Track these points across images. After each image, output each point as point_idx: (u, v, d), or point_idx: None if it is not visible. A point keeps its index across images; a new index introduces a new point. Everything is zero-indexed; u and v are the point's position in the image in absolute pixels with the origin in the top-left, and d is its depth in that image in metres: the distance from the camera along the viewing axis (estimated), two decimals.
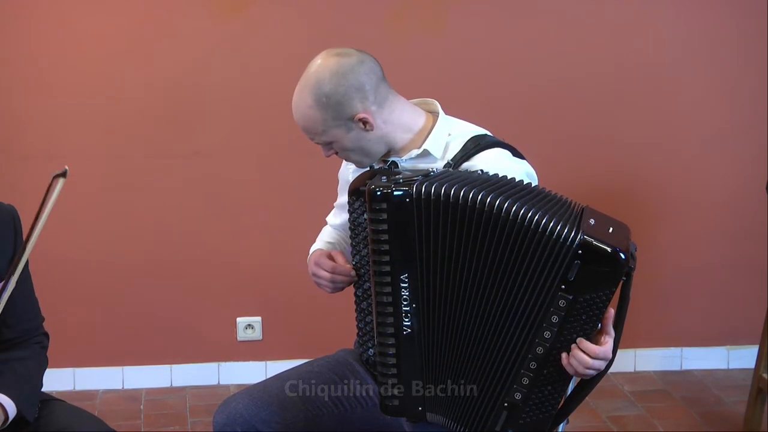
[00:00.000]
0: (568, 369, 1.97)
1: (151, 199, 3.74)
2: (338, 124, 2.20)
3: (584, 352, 1.95)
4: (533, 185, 2.11)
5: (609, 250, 1.90)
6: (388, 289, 2.02)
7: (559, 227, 1.93)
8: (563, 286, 1.93)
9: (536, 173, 2.27)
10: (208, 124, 3.72)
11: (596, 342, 1.97)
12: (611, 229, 1.96)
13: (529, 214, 1.94)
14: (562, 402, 2.06)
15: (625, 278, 1.95)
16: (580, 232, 1.91)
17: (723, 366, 4.05)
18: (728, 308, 4.02)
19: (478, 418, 2.05)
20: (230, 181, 3.76)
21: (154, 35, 3.64)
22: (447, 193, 1.97)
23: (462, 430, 2.07)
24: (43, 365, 2.31)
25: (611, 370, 3.87)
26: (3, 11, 3.56)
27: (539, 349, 1.97)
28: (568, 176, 3.68)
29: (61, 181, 2.03)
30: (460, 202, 1.97)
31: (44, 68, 3.62)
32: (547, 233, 1.93)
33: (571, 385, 2.07)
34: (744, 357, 4.00)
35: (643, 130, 3.87)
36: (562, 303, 1.94)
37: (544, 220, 1.93)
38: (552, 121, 3.83)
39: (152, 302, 3.82)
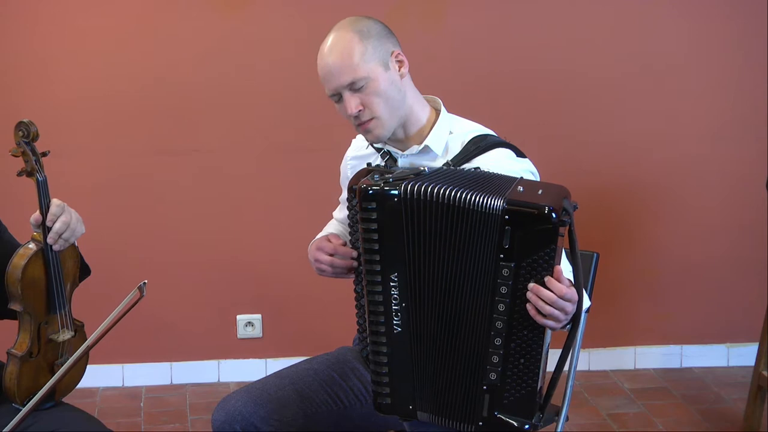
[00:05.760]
0: (538, 319, 1.94)
1: (150, 195, 3.74)
2: (377, 57, 2.19)
3: (543, 288, 1.93)
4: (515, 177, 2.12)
5: (532, 209, 1.92)
6: (379, 288, 2.03)
7: (485, 200, 1.95)
8: (502, 255, 1.95)
9: (537, 170, 2.27)
10: (208, 121, 3.71)
11: None
12: (540, 191, 1.99)
13: (477, 199, 1.96)
14: (546, 375, 2.05)
15: (563, 234, 1.95)
16: (504, 199, 1.94)
17: (723, 363, 4.05)
18: (728, 306, 4.02)
19: (464, 408, 2.05)
20: (230, 178, 3.76)
21: (154, 32, 3.64)
22: (426, 191, 1.98)
23: (453, 423, 2.07)
24: None
25: (611, 367, 3.96)
26: (3, 8, 3.56)
27: (498, 324, 1.98)
28: (567, 173, 3.67)
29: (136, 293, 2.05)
30: (437, 199, 1.98)
31: (44, 64, 3.62)
32: (475, 209, 1.95)
33: (553, 360, 2.06)
34: (744, 354, 4.00)
35: (643, 127, 3.87)
36: (505, 272, 1.96)
37: (472, 198, 1.95)
38: (551, 117, 3.83)
39: (152, 299, 3.80)
